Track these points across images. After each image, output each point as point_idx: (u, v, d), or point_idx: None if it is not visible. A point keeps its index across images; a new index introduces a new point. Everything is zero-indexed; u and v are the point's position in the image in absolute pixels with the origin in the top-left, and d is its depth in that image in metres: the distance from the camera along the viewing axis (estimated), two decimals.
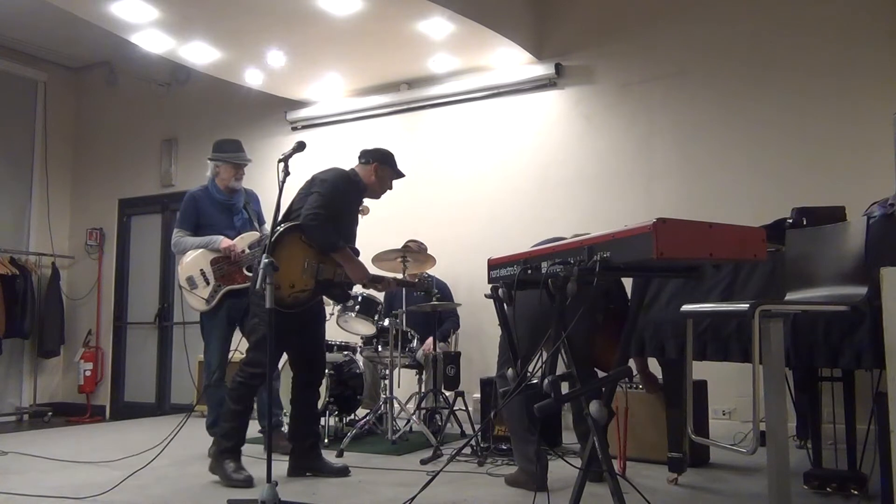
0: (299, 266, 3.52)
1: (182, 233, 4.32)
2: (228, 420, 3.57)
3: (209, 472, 3.58)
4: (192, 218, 4.32)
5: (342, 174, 3.76)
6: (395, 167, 3.93)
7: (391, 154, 3.95)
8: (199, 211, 4.32)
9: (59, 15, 5.48)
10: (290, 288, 3.49)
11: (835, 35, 4.74)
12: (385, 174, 3.88)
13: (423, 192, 6.07)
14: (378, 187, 3.88)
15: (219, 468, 3.52)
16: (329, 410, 4.79)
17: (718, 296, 3.07)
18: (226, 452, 3.53)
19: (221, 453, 3.54)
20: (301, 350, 3.73)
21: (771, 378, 2.35)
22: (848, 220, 3.11)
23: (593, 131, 5.53)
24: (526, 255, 2.46)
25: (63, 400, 7.62)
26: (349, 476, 3.66)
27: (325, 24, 5.12)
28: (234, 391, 3.54)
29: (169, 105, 7.51)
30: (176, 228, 4.38)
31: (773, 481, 2.32)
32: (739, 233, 2.07)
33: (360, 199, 3.90)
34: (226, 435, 3.56)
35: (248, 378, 3.51)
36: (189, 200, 4.37)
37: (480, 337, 5.60)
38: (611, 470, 2.27)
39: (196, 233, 4.30)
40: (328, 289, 3.67)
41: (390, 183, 3.95)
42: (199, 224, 4.31)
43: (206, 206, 4.34)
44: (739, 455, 4.03)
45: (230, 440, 3.54)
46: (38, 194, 7.62)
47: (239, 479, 3.44)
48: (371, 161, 3.85)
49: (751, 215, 3.84)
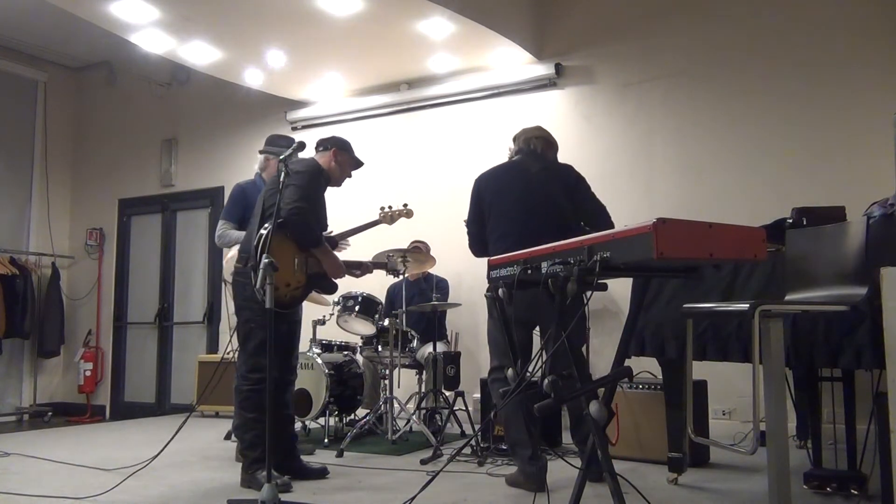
0: (291, 264, 3.48)
1: (227, 225, 4.24)
2: (249, 430, 3.45)
3: (241, 487, 3.43)
4: (238, 210, 4.25)
5: (316, 164, 3.68)
6: (352, 153, 3.85)
7: (348, 141, 3.88)
8: (247, 204, 4.22)
9: (59, 15, 5.49)
10: (287, 287, 3.46)
11: (835, 35, 4.74)
12: (344, 160, 3.80)
13: (423, 191, 6.07)
14: (338, 174, 3.80)
15: (253, 480, 3.37)
16: (329, 410, 4.79)
17: (718, 296, 3.07)
18: (255, 463, 3.41)
19: (251, 465, 3.43)
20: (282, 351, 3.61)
21: (771, 378, 2.35)
22: (848, 220, 3.11)
23: (593, 131, 5.53)
24: (526, 255, 2.46)
25: (63, 400, 7.63)
26: (328, 477, 3.61)
27: (325, 24, 5.12)
28: (246, 401, 3.46)
29: (169, 105, 7.51)
30: (221, 220, 4.29)
31: (773, 481, 2.32)
32: (739, 233, 2.07)
33: (326, 188, 3.80)
34: (251, 446, 3.44)
35: (256, 384, 3.43)
36: (238, 192, 4.31)
37: (480, 337, 5.59)
38: (611, 470, 2.27)
39: (241, 226, 4.19)
40: (318, 282, 3.64)
41: (349, 170, 3.86)
42: (244, 217, 4.21)
43: (254, 199, 4.18)
44: (739, 455, 4.03)
45: (255, 450, 3.42)
46: (38, 194, 7.62)
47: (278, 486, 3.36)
48: (329, 147, 3.78)
49: (751, 215, 3.84)
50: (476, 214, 3.55)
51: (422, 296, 5.39)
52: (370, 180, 6.29)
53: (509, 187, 3.47)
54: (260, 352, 3.42)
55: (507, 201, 3.43)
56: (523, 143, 3.63)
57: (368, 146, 6.48)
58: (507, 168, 3.60)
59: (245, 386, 3.48)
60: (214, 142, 7.19)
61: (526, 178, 3.48)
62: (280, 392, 3.60)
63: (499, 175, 3.57)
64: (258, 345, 3.45)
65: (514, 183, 3.47)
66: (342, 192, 4.79)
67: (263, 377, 3.35)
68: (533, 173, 3.49)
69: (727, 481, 3.48)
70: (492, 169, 3.64)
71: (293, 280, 3.50)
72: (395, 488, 3.36)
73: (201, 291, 7.25)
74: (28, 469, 4.00)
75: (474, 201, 3.57)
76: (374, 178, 6.31)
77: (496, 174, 3.59)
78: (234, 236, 4.20)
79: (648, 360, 3.51)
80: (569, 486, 3.00)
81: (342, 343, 5.21)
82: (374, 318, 4.87)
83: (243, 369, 3.53)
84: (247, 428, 3.47)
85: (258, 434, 3.40)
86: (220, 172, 7.07)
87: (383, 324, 4.84)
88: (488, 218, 3.48)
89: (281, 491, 3.15)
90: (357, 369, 5.07)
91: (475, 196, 3.57)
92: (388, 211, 4.54)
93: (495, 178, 3.56)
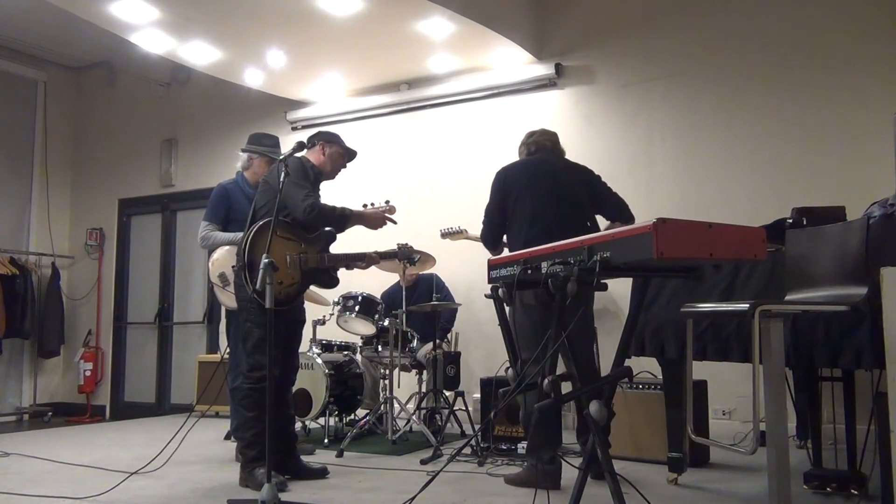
0: (282, 262, 3.47)
1: (211, 226, 4.19)
2: (248, 429, 3.46)
3: (240, 486, 3.44)
4: (221, 211, 4.21)
5: (300, 160, 3.65)
6: (342, 145, 3.82)
7: (336, 134, 3.85)
8: (231, 204, 4.21)
9: (59, 15, 5.49)
10: (279, 285, 3.45)
11: (835, 34, 4.74)
12: (334, 152, 3.77)
13: (422, 191, 6.08)
14: (330, 167, 3.78)
15: (251, 479, 3.39)
16: (329, 410, 4.79)
17: (718, 296, 3.07)
18: (253, 461, 3.42)
19: (249, 463, 3.44)
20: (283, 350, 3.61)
21: (771, 378, 2.35)
22: (848, 220, 3.11)
23: (593, 131, 5.53)
24: (526, 255, 2.46)
25: (63, 400, 7.62)
26: (328, 477, 3.61)
27: (325, 24, 5.12)
28: (246, 399, 3.46)
29: (169, 105, 7.51)
30: (204, 221, 4.23)
31: (773, 481, 2.32)
32: (739, 233, 2.07)
33: (317, 182, 3.77)
34: (249, 444, 3.45)
35: (256, 383, 3.43)
36: (221, 193, 4.26)
37: (480, 337, 5.60)
38: (611, 470, 2.27)
39: (225, 227, 4.17)
40: (315, 277, 3.64)
41: (344, 161, 3.84)
42: (227, 218, 4.19)
43: (237, 199, 4.23)
44: (739, 455, 4.03)
45: (254, 448, 3.43)
46: (38, 194, 7.62)
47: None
48: (317, 142, 3.77)
49: (751, 215, 3.84)
50: (500, 203, 3.58)
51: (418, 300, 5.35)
52: (370, 180, 6.30)
53: (537, 179, 3.55)
54: (258, 350, 3.43)
55: (536, 192, 3.50)
56: (538, 144, 3.73)
57: (368, 146, 6.48)
58: (534, 162, 3.67)
59: (246, 384, 3.48)
60: (214, 142, 7.18)
61: (553, 171, 3.59)
62: (281, 391, 3.61)
63: (527, 166, 3.65)
64: (256, 343, 3.46)
65: (543, 176, 3.57)
66: (342, 192, 4.81)
67: (264, 375, 3.35)
68: (558, 169, 3.61)
69: (727, 481, 3.48)
70: (516, 162, 3.72)
71: (286, 278, 3.50)
72: (395, 488, 3.36)
73: (201, 291, 7.25)
74: (28, 469, 4.00)
75: (499, 191, 3.60)
76: (375, 178, 6.31)
77: (523, 166, 3.67)
78: (219, 238, 4.15)
79: (648, 360, 3.51)
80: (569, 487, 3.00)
81: (342, 343, 5.21)
82: (374, 318, 4.87)
83: (244, 368, 3.54)
84: (247, 427, 3.47)
85: (257, 433, 3.40)
86: (220, 172, 7.02)
87: (383, 324, 4.84)
88: (514, 208, 3.53)
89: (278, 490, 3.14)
90: (357, 369, 5.07)
91: (501, 186, 3.60)
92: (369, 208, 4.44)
93: (523, 169, 3.63)
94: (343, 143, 3.84)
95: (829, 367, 2.99)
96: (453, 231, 4.87)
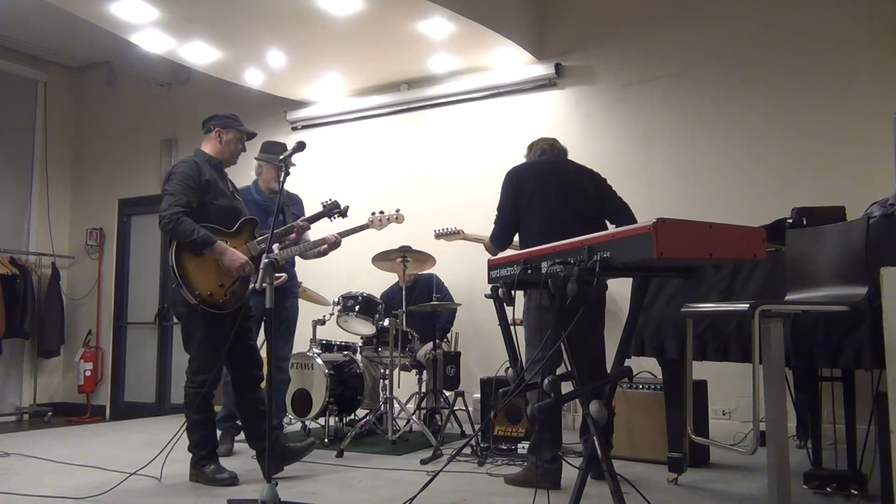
0: (214, 265, 3.47)
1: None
2: (197, 430, 3.53)
3: (190, 481, 3.53)
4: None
5: (184, 162, 3.61)
6: (238, 126, 3.75)
7: (232, 115, 3.78)
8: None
9: (59, 15, 5.48)
10: (221, 288, 3.46)
11: (835, 35, 4.74)
12: (230, 138, 3.71)
13: (422, 191, 6.07)
14: (228, 154, 3.73)
15: (201, 475, 3.50)
16: (329, 410, 4.79)
17: (718, 296, 3.08)
18: (203, 460, 3.52)
19: (199, 461, 3.53)
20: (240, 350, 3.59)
21: (771, 378, 2.35)
22: (848, 220, 3.11)
23: (593, 131, 5.53)
24: (526, 255, 2.46)
25: (63, 400, 7.62)
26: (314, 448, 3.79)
27: (325, 24, 5.12)
28: (191, 403, 3.51)
29: (169, 105, 7.51)
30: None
31: (773, 481, 2.32)
32: (739, 233, 2.08)
33: (220, 173, 3.71)
34: (199, 445, 3.54)
35: (200, 387, 3.48)
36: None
37: (480, 337, 5.60)
38: (611, 470, 2.27)
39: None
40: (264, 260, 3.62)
41: (239, 146, 3.77)
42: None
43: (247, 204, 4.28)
44: (739, 455, 4.03)
45: (204, 448, 3.53)
46: (38, 194, 7.62)
47: (224, 478, 3.45)
48: (213, 128, 3.73)
49: (751, 215, 3.84)
50: (513, 202, 3.61)
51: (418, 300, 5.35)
52: (370, 180, 6.30)
53: (551, 178, 3.60)
54: (201, 353, 3.49)
55: (551, 190, 3.55)
56: (544, 147, 3.79)
57: (368, 146, 6.49)
58: (545, 162, 3.72)
59: (191, 388, 3.53)
60: None
61: (564, 172, 3.66)
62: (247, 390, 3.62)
63: (539, 167, 3.69)
64: (198, 347, 3.51)
65: (554, 175, 3.62)
66: (342, 192, 4.81)
67: (207, 379, 3.47)
68: (569, 170, 3.68)
69: (727, 481, 3.48)
70: (527, 162, 3.78)
71: (226, 280, 3.50)
72: (395, 488, 3.36)
73: None
74: (28, 469, 4.00)
75: (512, 190, 3.62)
76: (374, 178, 6.32)
77: (535, 166, 3.71)
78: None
79: (648, 360, 3.51)
80: (569, 487, 3.00)
81: (342, 343, 5.21)
82: (374, 318, 4.87)
83: (188, 370, 3.57)
84: (194, 429, 3.55)
85: (205, 435, 3.55)
86: None
87: (383, 324, 4.84)
88: (527, 207, 3.56)
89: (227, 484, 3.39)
90: (357, 369, 5.07)
91: (513, 185, 3.62)
92: (378, 216, 4.48)
93: (536, 169, 3.67)
94: (240, 125, 3.77)
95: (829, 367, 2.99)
96: (449, 232, 4.84)
